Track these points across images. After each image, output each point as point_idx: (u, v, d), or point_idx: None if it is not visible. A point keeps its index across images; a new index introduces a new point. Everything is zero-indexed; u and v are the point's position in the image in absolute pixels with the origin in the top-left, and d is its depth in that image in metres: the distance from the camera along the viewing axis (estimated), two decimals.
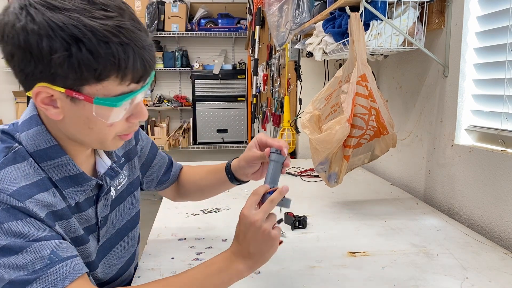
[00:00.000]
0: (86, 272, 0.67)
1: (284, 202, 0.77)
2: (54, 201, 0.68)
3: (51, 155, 0.70)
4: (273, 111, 3.05)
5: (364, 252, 1.03)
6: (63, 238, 0.68)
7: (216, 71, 4.93)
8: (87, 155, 0.78)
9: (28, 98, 0.69)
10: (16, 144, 0.68)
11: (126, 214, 0.90)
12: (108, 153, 0.83)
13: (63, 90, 0.62)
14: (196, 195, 1.12)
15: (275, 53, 3.14)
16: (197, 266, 0.75)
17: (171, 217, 1.29)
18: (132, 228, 0.93)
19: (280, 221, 0.78)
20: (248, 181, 1.01)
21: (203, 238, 1.12)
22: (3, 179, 0.63)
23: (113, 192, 0.85)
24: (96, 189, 0.79)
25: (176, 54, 4.99)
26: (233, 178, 1.00)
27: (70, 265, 0.64)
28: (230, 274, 0.74)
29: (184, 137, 5.06)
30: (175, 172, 1.09)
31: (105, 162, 0.81)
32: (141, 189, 1.03)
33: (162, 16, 4.80)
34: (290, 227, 1.18)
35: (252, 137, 5.14)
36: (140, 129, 0.94)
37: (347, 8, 1.27)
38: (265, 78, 3.50)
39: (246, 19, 4.86)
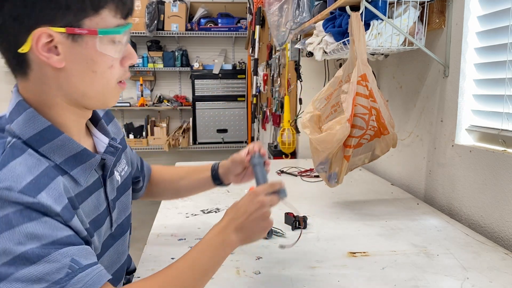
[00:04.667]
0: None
1: (282, 192, 0.85)
2: (65, 188, 0.65)
3: (48, 136, 0.66)
4: (273, 111, 3.05)
5: (364, 252, 1.03)
6: (79, 232, 0.65)
7: (216, 71, 4.93)
8: (83, 136, 0.76)
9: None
10: (10, 138, 0.64)
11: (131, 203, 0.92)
12: (104, 132, 0.81)
13: (63, 30, 0.62)
14: (169, 194, 1.15)
15: (275, 53, 3.13)
16: (191, 250, 0.74)
17: (171, 217, 1.29)
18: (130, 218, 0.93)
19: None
20: (229, 184, 1.08)
21: None
22: (8, 177, 0.58)
23: (118, 177, 0.84)
24: (100, 169, 0.77)
25: (176, 53, 4.99)
26: (217, 177, 1.06)
27: (92, 273, 0.61)
28: (225, 244, 0.76)
29: (184, 137, 5.05)
30: (147, 169, 1.09)
31: (102, 141, 0.79)
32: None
33: (162, 15, 4.79)
34: (290, 227, 1.18)
35: (252, 137, 5.14)
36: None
37: (348, 8, 1.27)
38: (265, 78, 3.49)
39: (246, 18, 4.85)
